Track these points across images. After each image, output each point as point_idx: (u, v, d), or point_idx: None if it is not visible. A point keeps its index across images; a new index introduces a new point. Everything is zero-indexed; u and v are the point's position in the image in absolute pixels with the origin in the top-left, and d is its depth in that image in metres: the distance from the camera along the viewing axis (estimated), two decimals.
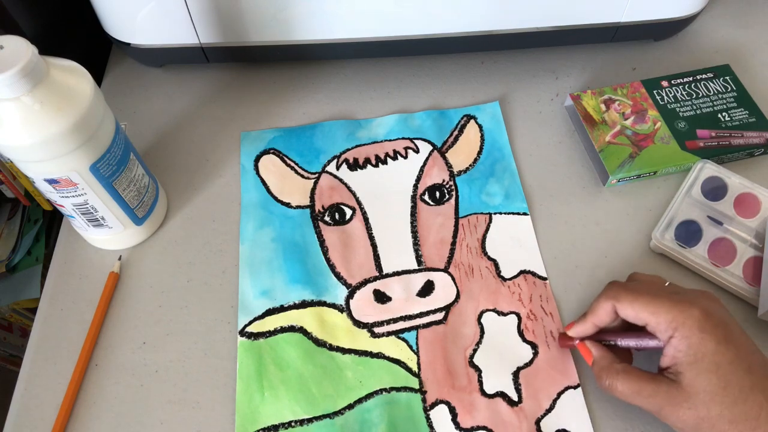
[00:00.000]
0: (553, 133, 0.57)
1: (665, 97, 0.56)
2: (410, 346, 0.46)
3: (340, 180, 0.53)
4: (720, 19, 0.65)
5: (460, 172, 0.54)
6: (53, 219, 0.62)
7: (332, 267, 0.49)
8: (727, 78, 0.57)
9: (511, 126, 0.57)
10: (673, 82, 0.57)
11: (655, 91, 0.56)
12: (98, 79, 0.62)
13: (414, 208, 0.52)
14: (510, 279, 0.48)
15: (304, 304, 0.47)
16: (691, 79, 0.57)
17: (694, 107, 0.55)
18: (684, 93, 0.56)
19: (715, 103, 0.56)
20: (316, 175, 0.54)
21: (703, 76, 0.58)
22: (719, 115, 0.55)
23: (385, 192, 0.52)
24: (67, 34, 0.60)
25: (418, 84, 0.61)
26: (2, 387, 0.58)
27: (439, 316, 0.47)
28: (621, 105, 0.56)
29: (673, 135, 0.54)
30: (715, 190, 0.50)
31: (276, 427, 0.42)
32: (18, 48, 0.36)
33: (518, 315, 0.47)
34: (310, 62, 0.62)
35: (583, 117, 0.55)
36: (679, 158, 0.52)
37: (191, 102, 0.60)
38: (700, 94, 0.56)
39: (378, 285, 0.48)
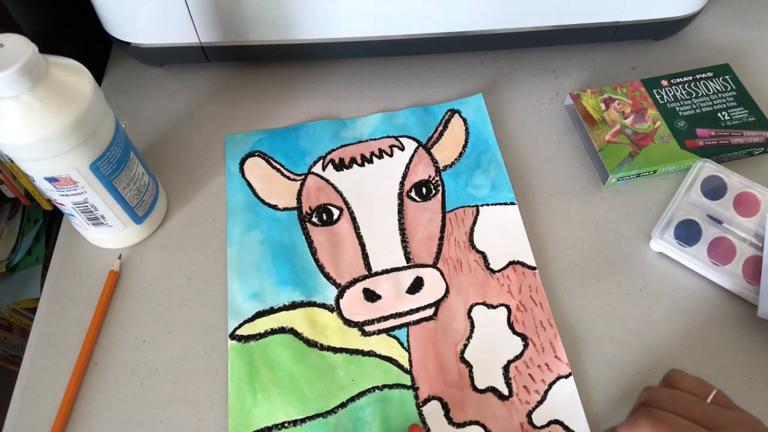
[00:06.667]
0: (553, 132, 0.57)
1: (665, 97, 0.56)
2: (401, 344, 0.46)
3: (327, 180, 0.53)
4: (720, 18, 0.65)
5: (446, 167, 0.54)
6: (53, 219, 0.62)
7: (321, 267, 0.49)
8: (727, 77, 0.57)
9: (510, 125, 0.57)
10: (672, 81, 0.57)
11: (654, 91, 0.56)
12: (98, 78, 0.62)
13: (401, 205, 0.52)
14: (499, 271, 0.49)
15: (294, 306, 0.47)
16: (690, 78, 0.57)
17: (694, 106, 0.55)
18: (684, 92, 0.56)
19: (714, 102, 0.56)
20: (303, 177, 0.54)
21: (703, 75, 0.58)
22: (719, 115, 0.55)
23: (372, 191, 0.53)
24: (68, 33, 0.60)
25: (419, 83, 0.61)
26: (2, 387, 0.58)
27: (429, 312, 0.47)
28: (621, 104, 0.56)
29: (673, 134, 0.54)
30: (714, 189, 0.50)
31: (269, 428, 0.42)
32: (18, 46, 0.36)
33: (508, 307, 0.47)
34: (310, 62, 0.62)
35: (582, 116, 0.55)
36: (678, 157, 0.52)
37: (191, 101, 0.60)
38: (700, 94, 0.56)
39: (367, 284, 0.48)
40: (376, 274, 0.48)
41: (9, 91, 0.36)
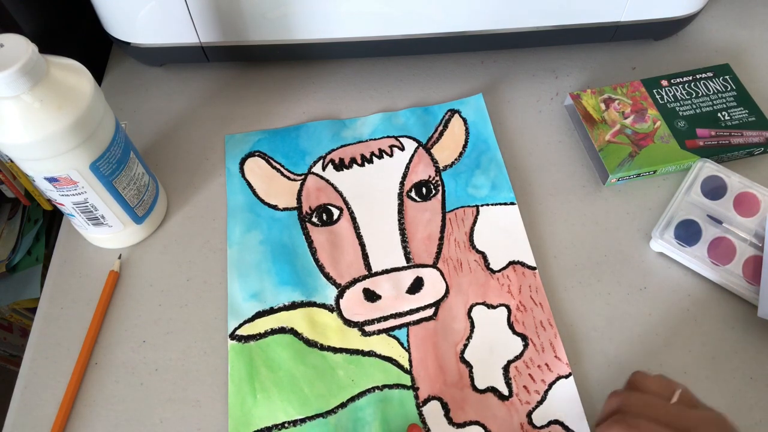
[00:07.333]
0: (553, 132, 0.57)
1: (665, 96, 0.56)
2: (401, 344, 0.46)
3: (327, 180, 0.53)
4: (720, 18, 0.65)
5: (446, 167, 0.54)
6: (53, 219, 0.62)
7: (321, 267, 0.49)
8: (727, 77, 0.57)
9: (510, 125, 0.57)
10: (672, 81, 0.57)
11: (654, 90, 0.56)
12: (98, 78, 0.62)
13: (401, 205, 0.52)
14: (499, 271, 0.49)
15: (294, 306, 0.47)
16: (690, 78, 0.57)
17: (694, 106, 0.55)
18: (684, 92, 0.56)
19: (714, 102, 0.56)
20: (303, 177, 0.54)
21: (703, 75, 0.58)
22: (719, 114, 0.55)
23: (372, 191, 0.53)
24: (68, 33, 0.60)
25: (419, 83, 0.61)
26: (2, 387, 0.58)
27: (429, 312, 0.47)
28: (621, 104, 0.56)
29: (673, 134, 0.54)
30: (714, 189, 0.50)
31: (269, 428, 0.42)
32: (18, 46, 0.36)
33: (508, 307, 0.47)
34: (309, 62, 0.62)
35: (582, 116, 0.55)
36: (678, 157, 0.52)
37: (191, 101, 0.60)
38: (700, 94, 0.56)
39: (367, 284, 0.48)
40: (376, 274, 0.48)
41: (9, 91, 0.36)
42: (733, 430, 0.34)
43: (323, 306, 0.47)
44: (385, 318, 0.47)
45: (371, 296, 0.47)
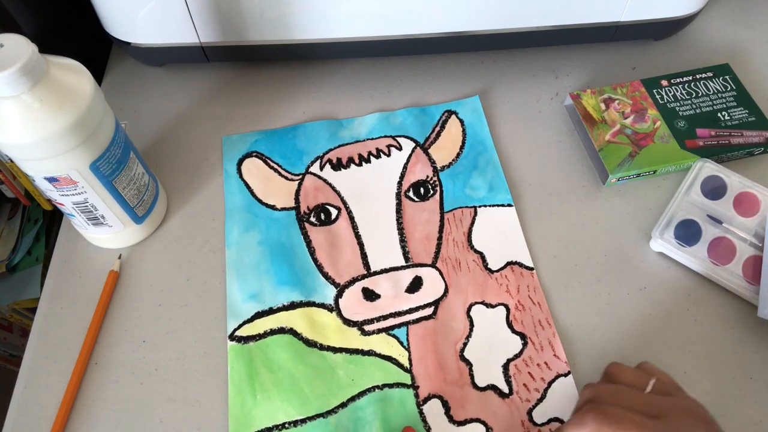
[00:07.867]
0: (553, 132, 0.57)
1: (665, 96, 0.56)
2: (401, 343, 0.46)
3: (325, 180, 0.53)
4: (720, 18, 0.65)
5: (443, 167, 0.54)
6: (53, 219, 0.62)
7: (320, 267, 0.49)
8: (727, 77, 0.57)
9: (510, 125, 0.57)
10: (672, 81, 0.57)
11: (654, 90, 0.56)
12: (98, 78, 0.62)
13: (399, 205, 0.52)
14: (497, 271, 0.49)
15: (293, 306, 0.47)
16: (690, 78, 0.57)
17: (694, 106, 0.55)
18: (684, 92, 0.56)
19: (714, 102, 0.56)
20: (300, 177, 0.54)
21: (703, 75, 0.58)
22: (719, 114, 0.55)
23: (370, 190, 0.53)
24: (68, 33, 0.60)
25: (418, 83, 0.61)
26: (2, 387, 0.58)
27: (429, 311, 0.47)
28: (621, 104, 0.56)
29: (673, 134, 0.54)
30: (714, 189, 0.50)
31: (270, 429, 0.42)
32: (18, 46, 0.36)
33: (506, 306, 0.47)
34: (309, 62, 0.62)
35: (582, 116, 0.55)
36: (678, 157, 0.52)
37: (191, 101, 0.60)
38: (700, 93, 0.56)
39: (366, 283, 0.48)
40: (375, 273, 0.48)
41: (9, 91, 0.36)
42: (707, 416, 0.34)
43: (322, 306, 0.47)
44: (385, 317, 0.47)
45: (370, 295, 0.47)
